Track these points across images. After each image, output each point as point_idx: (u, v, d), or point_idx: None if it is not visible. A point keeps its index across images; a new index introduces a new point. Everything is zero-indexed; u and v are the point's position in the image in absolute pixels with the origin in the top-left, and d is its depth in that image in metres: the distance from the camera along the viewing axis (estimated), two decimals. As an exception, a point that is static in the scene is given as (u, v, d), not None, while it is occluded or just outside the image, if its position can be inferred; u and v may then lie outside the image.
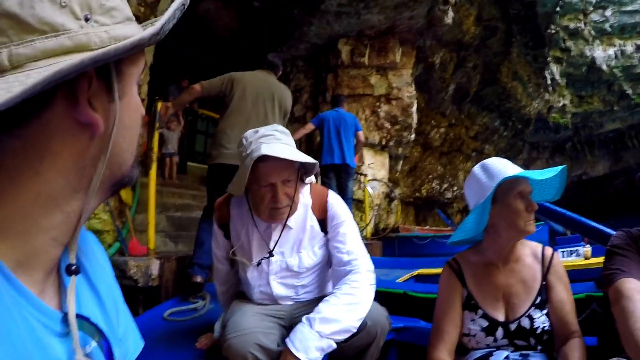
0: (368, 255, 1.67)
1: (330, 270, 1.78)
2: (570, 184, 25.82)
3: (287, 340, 1.41)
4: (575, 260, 4.36)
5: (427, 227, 13.92)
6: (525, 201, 1.43)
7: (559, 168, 1.48)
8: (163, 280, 3.44)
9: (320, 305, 1.48)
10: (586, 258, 4.23)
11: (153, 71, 5.18)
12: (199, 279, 3.03)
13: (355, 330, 1.47)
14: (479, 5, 12.57)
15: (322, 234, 1.71)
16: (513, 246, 1.51)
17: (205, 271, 3.07)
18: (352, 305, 1.46)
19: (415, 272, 4.64)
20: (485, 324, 1.44)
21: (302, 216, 1.70)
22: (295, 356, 1.34)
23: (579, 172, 25.52)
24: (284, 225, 1.66)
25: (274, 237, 1.68)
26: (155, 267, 3.40)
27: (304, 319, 1.45)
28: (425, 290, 2.76)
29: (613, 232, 1.69)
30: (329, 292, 1.65)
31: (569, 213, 2.42)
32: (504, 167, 1.45)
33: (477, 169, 1.54)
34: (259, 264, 1.69)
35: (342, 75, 9.86)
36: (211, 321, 2.08)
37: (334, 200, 1.73)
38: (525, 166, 21.62)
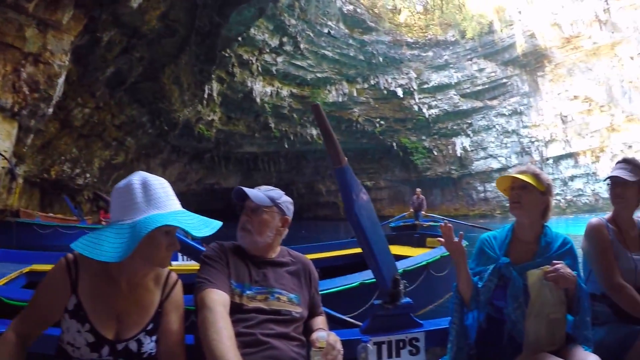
0: None
1: None
2: (203, 190, 33.55)
3: None
4: (194, 265, 6.27)
5: (51, 215, 15.00)
6: (169, 239, 1.69)
7: (216, 225, 1.73)
8: None
9: None
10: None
11: None
12: None
13: None
14: (170, 4, 15.92)
15: None
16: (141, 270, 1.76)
17: None
18: None
19: (27, 269, 4.83)
20: (91, 339, 1.63)
21: None
22: None
23: (213, 181, 33.47)
24: None
25: None
26: None
27: None
28: (24, 297, 3.00)
29: (203, 249, 2.14)
30: None
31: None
32: (165, 199, 1.69)
33: (137, 184, 1.68)
34: None
35: (-5, 13, 10.65)
36: None
37: None
38: (163, 166, 26.90)
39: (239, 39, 23.29)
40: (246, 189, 2.19)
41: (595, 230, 2.72)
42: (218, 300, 1.86)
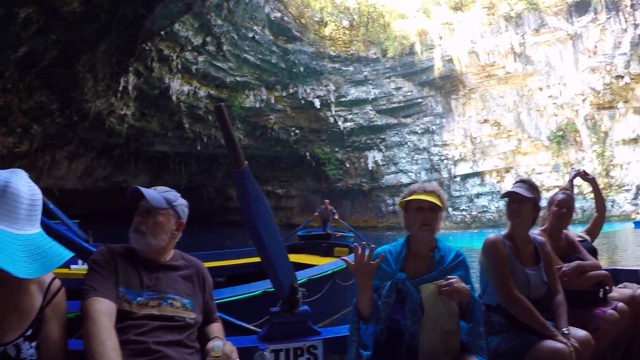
0: None
1: None
2: (110, 188, 32.02)
3: None
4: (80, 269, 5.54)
5: None
6: None
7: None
8: None
9: None
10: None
11: None
12: None
13: None
14: (95, -12, 15.57)
15: None
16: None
17: None
18: None
19: None
20: None
21: None
22: None
23: (121, 179, 32.31)
24: None
25: None
26: None
27: None
28: None
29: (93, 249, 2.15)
30: None
31: None
32: None
33: None
34: None
35: None
36: None
37: None
38: (69, 159, 25.63)
39: (162, 33, 23.01)
40: (142, 189, 2.15)
41: (492, 246, 2.94)
42: (101, 310, 1.85)
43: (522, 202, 2.95)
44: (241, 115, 34.64)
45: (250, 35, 31.78)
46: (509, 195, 3.02)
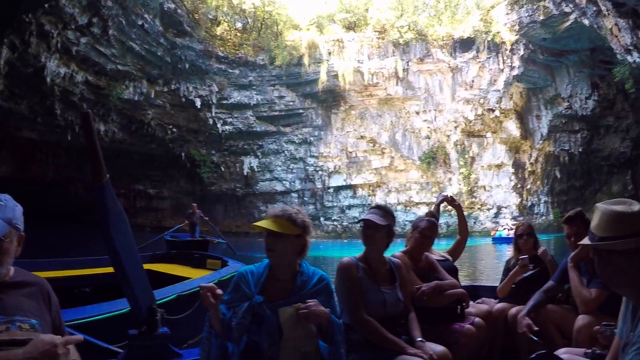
0: None
1: None
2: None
3: None
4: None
5: None
6: None
7: None
8: None
9: None
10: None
11: None
12: None
13: None
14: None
15: None
16: None
17: None
18: None
19: None
20: None
21: None
22: None
23: None
24: None
25: None
26: None
27: None
28: None
29: None
30: None
31: None
32: None
33: None
34: None
35: None
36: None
37: None
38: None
39: (46, 5, 20.74)
40: None
41: (344, 270, 2.98)
42: None
43: (376, 229, 3.01)
44: (117, 107, 32.46)
45: (140, 22, 29.96)
46: (364, 222, 3.08)
